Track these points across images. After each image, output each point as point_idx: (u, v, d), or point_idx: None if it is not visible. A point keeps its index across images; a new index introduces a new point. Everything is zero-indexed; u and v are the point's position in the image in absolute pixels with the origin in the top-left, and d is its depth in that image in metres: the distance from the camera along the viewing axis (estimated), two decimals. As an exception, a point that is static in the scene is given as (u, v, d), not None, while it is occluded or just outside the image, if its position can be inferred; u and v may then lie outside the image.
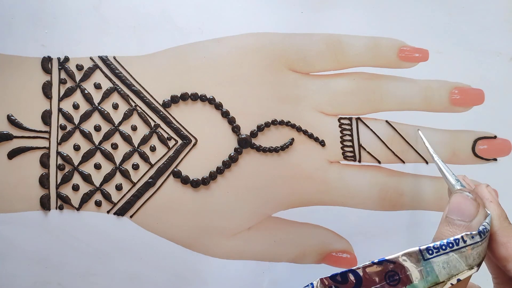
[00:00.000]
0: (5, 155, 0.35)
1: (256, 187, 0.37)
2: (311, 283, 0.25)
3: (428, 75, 0.39)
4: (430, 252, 0.24)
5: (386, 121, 0.39)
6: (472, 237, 0.24)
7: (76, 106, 0.36)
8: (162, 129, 0.37)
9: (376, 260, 0.24)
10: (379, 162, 0.38)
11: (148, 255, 0.36)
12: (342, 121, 0.38)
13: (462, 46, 0.39)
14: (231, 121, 0.37)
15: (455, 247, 0.24)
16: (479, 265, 0.24)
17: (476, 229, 0.25)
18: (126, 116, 0.37)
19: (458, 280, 0.24)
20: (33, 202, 0.35)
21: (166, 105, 0.37)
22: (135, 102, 0.37)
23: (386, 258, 0.24)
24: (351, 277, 0.24)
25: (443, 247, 0.24)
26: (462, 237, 0.24)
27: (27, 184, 0.35)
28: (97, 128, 0.36)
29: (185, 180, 0.37)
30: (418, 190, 0.38)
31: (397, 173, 0.38)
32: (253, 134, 0.37)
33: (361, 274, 0.24)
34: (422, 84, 0.39)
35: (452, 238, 0.24)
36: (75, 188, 0.36)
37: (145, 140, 0.37)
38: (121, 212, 0.36)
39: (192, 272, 0.36)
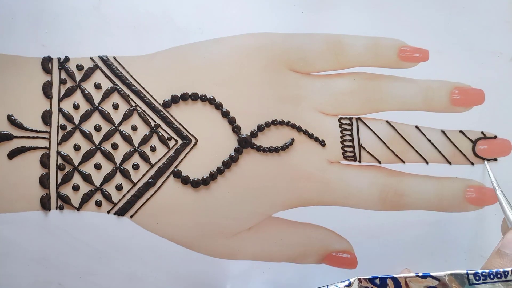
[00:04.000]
0: (5, 155, 0.35)
1: (256, 187, 0.37)
2: (348, 279, 0.25)
3: (428, 75, 0.39)
4: (477, 278, 0.25)
5: (387, 121, 0.39)
6: None
7: (76, 106, 0.36)
8: (162, 129, 0.37)
9: (420, 274, 0.25)
10: (380, 162, 0.38)
11: (148, 255, 0.36)
12: (342, 121, 0.38)
13: (463, 46, 0.39)
14: (231, 121, 0.37)
15: (503, 278, 0.25)
16: None
17: None
18: (126, 116, 0.37)
19: None
20: (33, 202, 0.35)
21: (166, 105, 0.37)
22: (135, 102, 0.37)
23: (432, 274, 0.25)
24: (391, 283, 0.25)
25: (491, 276, 0.25)
26: (510, 270, 0.25)
27: (27, 184, 0.35)
28: (97, 128, 0.36)
29: (185, 180, 0.37)
30: (419, 190, 0.38)
31: (398, 173, 0.38)
32: (253, 134, 0.37)
33: (401, 282, 0.25)
34: (422, 84, 0.39)
35: (501, 270, 0.25)
36: (75, 188, 0.36)
37: (145, 140, 0.37)
38: (121, 212, 0.36)
39: (192, 272, 0.36)
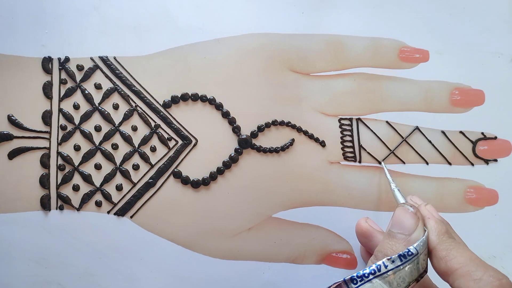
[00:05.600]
0: (5, 155, 0.35)
1: (256, 187, 0.37)
2: None
3: (428, 76, 0.39)
4: (355, 281, 0.24)
5: (387, 121, 0.39)
6: (393, 261, 0.24)
7: (76, 106, 0.36)
8: (163, 129, 0.37)
9: None
10: (380, 162, 0.38)
11: (148, 255, 0.36)
12: (342, 121, 0.38)
13: (463, 47, 0.39)
14: (232, 121, 0.37)
15: (378, 273, 0.24)
16: None
17: (414, 243, 0.25)
18: (127, 117, 0.37)
19: None
20: (33, 202, 0.35)
21: (166, 105, 0.37)
22: (135, 103, 0.37)
23: None
24: None
25: (366, 275, 0.24)
26: (383, 262, 0.24)
27: (27, 184, 0.35)
28: (98, 128, 0.36)
29: (185, 181, 0.37)
30: (418, 191, 0.38)
31: (398, 174, 0.38)
32: (254, 135, 0.37)
33: None
34: (423, 84, 0.39)
35: (374, 265, 0.24)
36: (76, 188, 0.36)
37: (145, 140, 0.37)
38: (121, 213, 0.36)
39: (192, 272, 0.36)
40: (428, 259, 0.27)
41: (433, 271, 0.27)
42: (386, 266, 0.24)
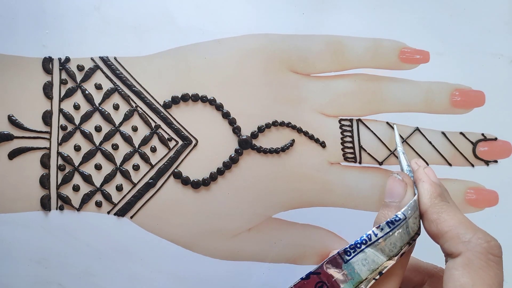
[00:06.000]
0: (5, 156, 0.35)
1: (257, 188, 0.37)
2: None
3: (429, 77, 0.39)
4: (348, 253, 0.25)
5: (387, 122, 0.39)
6: (382, 229, 0.25)
7: (76, 107, 0.36)
8: (163, 129, 0.37)
9: (304, 276, 0.25)
10: (380, 163, 0.38)
11: (148, 256, 0.36)
12: (342, 122, 0.38)
13: (463, 48, 0.39)
14: (232, 122, 0.37)
15: (369, 242, 0.25)
16: (397, 255, 0.25)
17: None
18: (127, 117, 0.37)
19: (381, 274, 0.24)
20: (33, 203, 0.35)
21: (166, 106, 0.37)
22: (135, 103, 0.37)
23: (312, 270, 0.25)
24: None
25: (358, 246, 0.25)
26: (372, 231, 0.25)
27: (27, 185, 0.35)
28: (98, 129, 0.36)
29: (185, 181, 0.37)
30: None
31: (398, 175, 0.38)
32: (254, 135, 0.37)
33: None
34: (423, 85, 0.39)
35: (364, 235, 0.25)
36: (76, 188, 0.36)
37: (145, 140, 0.37)
38: (121, 213, 0.36)
39: (192, 273, 0.36)
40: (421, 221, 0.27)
41: (425, 235, 0.27)
42: (376, 235, 0.25)
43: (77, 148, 0.36)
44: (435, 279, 0.29)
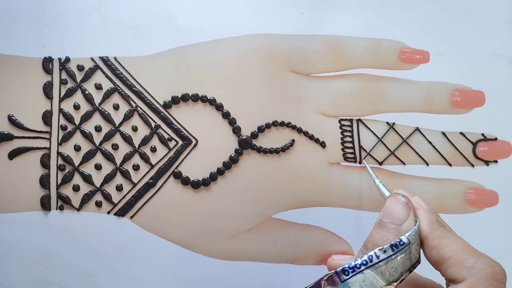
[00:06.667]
0: (5, 155, 0.35)
1: (257, 188, 0.37)
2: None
3: (429, 77, 0.39)
4: (346, 273, 0.24)
5: (387, 122, 0.39)
6: (384, 251, 0.24)
7: (76, 107, 0.36)
8: (163, 129, 0.37)
9: None
10: (380, 163, 0.38)
11: (148, 256, 0.36)
12: (342, 122, 0.38)
13: (463, 48, 0.39)
14: (232, 122, 0.37)
15: (369, 264, 0.24)
16: (397, 281, 0.24)
17: (405, 233, 0.25)
18: (127, 117, 0.37)
19: None
20: (33, 203, 0.35)
21: (166, 106, 0.37)
22: (135, 103, 0.37)
23: (308, 286, 0.24)
24: None
25: (358, 266, 0.24)
26: (374, 252, 0.24)
27: (27, 185, 0.35)
28: (98, 129, 0.36)
29: (185, 181, 0.37)
30: (419, 192, 0.38)
31: (398, 175, 0.38)
32: (254, 135, 0.37)
33: None
34: (423, 85, 0.39)
35: (366, 256, 0.24)
36: (76, 188, 0.36)
37: (145, 140, 0.37)
38: (121, 213, 0.36)
39: (192, 273, 0.36)
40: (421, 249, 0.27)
41: (424, 262, 0.26)
42: (378, 257, 0.24)
43: (77, 148, 0.36)
44: None
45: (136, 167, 0.36)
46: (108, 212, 0.36)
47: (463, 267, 0.23)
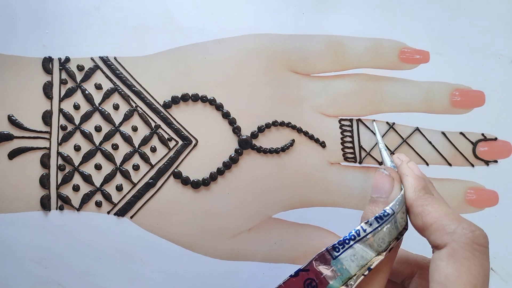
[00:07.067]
0: (5, 155, 0.35)
1: (257, 188, 0.37)
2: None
3: (429, 77, 0.39)
4: (337, 249, 0.24)
5: (387, 122, 0.39)
6: (370, 224, 0.25)
7: (76, 107, 0.36)
8: (163, 129, 0.37)
9: (292, 273, 0.25)
10: (380, 163, 0.38)
11: (148, 255, 0.36)
12: (342, 122, 0.38)
13: (463, 48, 0.39)
14: (232, 122, 0.37)
15: (358, 238, 0.24)
16: (386, 250, 0.25)
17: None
18: (127, 117, 0.37)
19: (370, 270, 0.24)
20: (33, 203, 0.35)
21: (166, 105, 0.37)
22: (135, 103, 0.37)
23: (300, 267, 0.25)
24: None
25: (347, 241, 0.25)
26: (361, 226, 0.25)
27: (27, 185, 0.35)
28: (98, 129, 0.36)
29: (185, 181, 0.37)
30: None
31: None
32: (254, 135, 0.37)
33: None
34: (423, 85, 0.39)
35: (353, 230, 0.25)
36: (76, 188, 0.36)
37: (145, 140, 0.37)
38: (121, 213, 0.36)
39: (192, 273, 0.36)
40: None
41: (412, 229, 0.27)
42: (364, 230, 0.25)
43: (77, 148, 0.36)
44: (425, 271, 0.29)
45: (136, 167, 0.36)
46: (108, 212, 0.36)
47: (445, 232, 0.24)
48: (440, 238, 0.24)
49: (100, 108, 0.36)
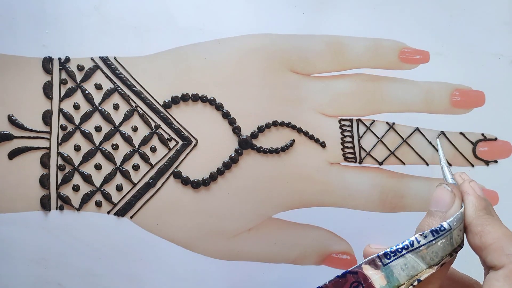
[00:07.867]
0: (5, 155, 0.35)
1: (257, 188, 0.37)
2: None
3: (428, 77, 0.39)
4: (388, 256, 0.25)
5: (387, 122, 0.39)
6: (425, 237, 0.25)
7: (76, 107, 0.36)
8: (163, 129, 0.37)
9: (340, 274, 0.25)
10: (380, 163, 0.38)
11: (148, 255, 0.36)
12: (342, 122, 0.38)
13: (463, 48, 0.39)
14: (232, 122, 0.37)
15: (411, 248, 0.25)
16: (438, 264, 0.25)
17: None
18: (127, 117, 0.37)
19: (419, 281, 0.24)
20: (33, 202, 0.35)
21: (166, 105, 0.37)
22: (135, 103, 0.37)
23: (349, 270, 0.25)
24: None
25: (399, 250, 0.25)
26: (415, 237, 0.25)
27: (27, 184, 0.35)
28: (98, 129, 0.36)
29: (185, 181, 0.37)
30: (419, 192, 0.38)
31: (398, 175, 0.38)
32: (254, 135, 0.37)
33: None
34: (423, 85, 0.39)
35: (407, 241, 0.25)
36: (76, 188, 0.36)
37: (145, 140, 0.37)
38: (121, 213, 0.36)
39: (192, 273, 0.36)
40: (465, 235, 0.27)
41: (467, 249, 0.27)
42: (418, 241, 0.25)
43: (77, 148, 0.36)
44: None
45: (136, 167, 0.36)
46: (108, 212, 0.36)
47: (503, 254, 0.24)
48: (497, 259, 0.24)
49: (100, 108, 0.36)
